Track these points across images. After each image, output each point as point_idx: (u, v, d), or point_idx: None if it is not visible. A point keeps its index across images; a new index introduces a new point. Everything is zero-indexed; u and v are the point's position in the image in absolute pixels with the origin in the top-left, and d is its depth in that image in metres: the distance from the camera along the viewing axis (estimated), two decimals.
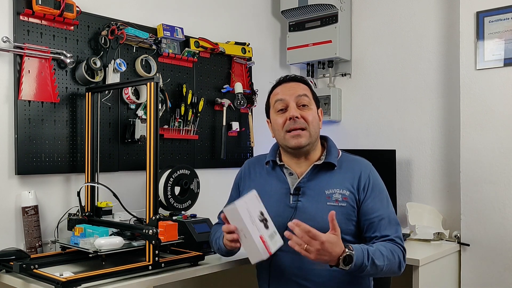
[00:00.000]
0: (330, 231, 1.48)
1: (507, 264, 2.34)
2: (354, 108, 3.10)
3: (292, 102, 1.71)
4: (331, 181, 1.70)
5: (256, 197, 1.58)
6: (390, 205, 1.72)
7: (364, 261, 1.51)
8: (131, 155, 2.36)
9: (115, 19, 2.29)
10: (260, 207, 1.57)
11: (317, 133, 1.74)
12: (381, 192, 1.71)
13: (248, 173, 1.88)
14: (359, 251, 1.52)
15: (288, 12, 3.03)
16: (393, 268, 1.61)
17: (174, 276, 1.79)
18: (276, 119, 1.74)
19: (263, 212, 1.57)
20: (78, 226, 1.87)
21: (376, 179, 1.73)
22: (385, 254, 1.57)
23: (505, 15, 2.37)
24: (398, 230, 1.67)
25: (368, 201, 1.67)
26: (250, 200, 1.55)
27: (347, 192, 1.67)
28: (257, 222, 1.53)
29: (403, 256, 1.64)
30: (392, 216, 1.68)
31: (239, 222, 1.51)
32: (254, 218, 1.52)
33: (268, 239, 1.52)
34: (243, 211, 1.50)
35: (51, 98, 2.09)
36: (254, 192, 1.58)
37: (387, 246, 1.61)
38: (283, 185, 1.75)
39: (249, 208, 1.52)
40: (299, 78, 1.81)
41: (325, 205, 1.66)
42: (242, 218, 1.49)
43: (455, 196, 2.62)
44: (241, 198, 1.55)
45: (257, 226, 1.52)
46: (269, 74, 3.12)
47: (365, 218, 1.67)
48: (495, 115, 2.39)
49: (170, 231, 1.80)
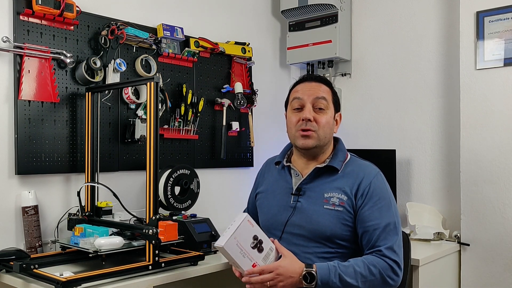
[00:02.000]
0: (282, 257, 1.55)
1: (507, 264, 2.34)
2: (354, 108, 3.10)
3: (309, 103, 1.70)
4: (332, 184, 1.69)
5: (248, 222, 1.56)
6: (392, 214, 1.63)
7: (331, 278, 1.50)
8: (131, 155, 2.36)
9: (115, 19, 2.29)
10: (253, 231, 1.56)
11: (328, 137, 1.72)
12: (382, 200, 1.64)
13: (264, 172, 1.91)
14: (324, 269, 1.51)
15: (288, 12, 3.03)
16: (375, 283, 1.55)
17: (174, 276, 1.79)
18: (290, 117, 1.74)
19: (257, 235, 1.55)
20: (78, 226, 1.87)
21: (378, 186, 1.66)
22: (358, 271, 1.53)
23: (505, 15, 2.37)
24: (394, 240, 1.59)
25: (365, 209, 1.63)
26: (241, 230, 1.53)
27: (344, 197, 1.65)
28: (249, 251, 1.53)
29: (392, 270, 1.56)
30: (390, 226, 1.60)
31: (230, 258, 1.52)
32: (245, 250, 1.52)
33: (261, 262, 1.54)
34: (231, 248, 1.50)
35: (51, 98, 2.09)
36: (246, 217, 1.56)
37: (367, 261, 1.55)
38: (288, 185, 1.76)
39: (239, 242, 1.51)
40: (323, 78, 1.79)
41: (322, 208, 1.66)
42: (231, 255, 1.50)
43: (455, 196, 2.62)
44: (232, 228, 1.52)
45: (249, 256, 1.52)
46: (269, 74, 3.12)
47: (360, 225, 1.63)
48: (495, 115, 2.38)
49: (170, 231, 1.80)
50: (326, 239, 1.63)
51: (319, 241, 1.63)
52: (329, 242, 1.63)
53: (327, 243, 1.63)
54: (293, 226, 1.68)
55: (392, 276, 1.56)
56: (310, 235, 1.64)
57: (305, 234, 1.65)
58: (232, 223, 1.54)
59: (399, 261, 1.58)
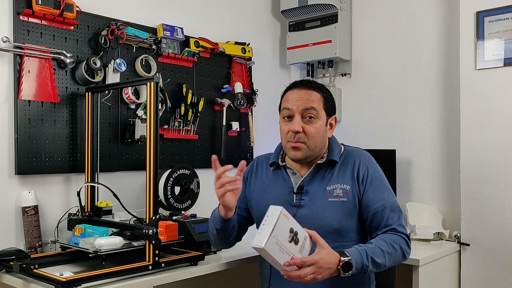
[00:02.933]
0: (318, 248, 1.49)
1: (507, 264, 2.34)
2: (354, 108, 3.10)
3: (298, 114, 1.68)
4: (333, 177, 1.71)
5: (284, 217, 1.45)
6: (391, 194, 1.72)
7: (364, 262, 1.52)
8: (131, 155, 2.36)
9: (115, 19, 2.29)
10: (289, 224, 1.46)
11: (319, 146, 1.71)
12: (381, 182, 1.71)
13: (256, 170, 1.90)
14: (357, 254, 1.52)
15: (288, 12, 3.03)
16: (397, 259, 1.63)
17: (174, 276, 1.79)
18: (281, 126, 1.74)
19: (293, 228, 1.46)
20: (78, 226, 1.87)
21: (375, 169, 1.73)
22: (385, 250, 1.57)
23: (505, 15, 2.37)
24: (400, 217, 1.68)
25: (369, 193, 1.68)
26: (279, 225, 1.42)
27: (347, 187, 1.68)
28: (287, 246, 1.43)
29: (407, 244, 1.64)
30: (394, 205, 1.69)
31: (268, 256, 1.43)
32: (283, 246, 1.43)
33: (298, 254, 1.45)
34: (271, 248, 1.40)
35: (51, 98, 2.09)
36: (281, 211, 1.44)
37: (388, 239, 1.61)
38: (287, 184, 1.76)
39: (278, 239, 1.41)
40: (314, 84, 1.75)
41: (327, 201, 1.68)
42: (271, 254, 1.41)
43: (455, 196, 2.62)
44: (269, 225, 1.41)
45: (287, 251, 1.44)
46: (269, 74, 3.12)
47: (368, 209, 1.67)
48: (495, 115, 2.38)
49: (170, 231, 1.81)
50: (334, 232, 1.65)
51: (326, 235, 1.61)
52: (336, 235, 1.66)
53: (335, 236, 1.65)
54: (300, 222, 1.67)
55: (407, 250, 1.65)
56: (318, 231, 1.63)
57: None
58: (267, 218, 1.44)
59: (408, 235, 1.68)
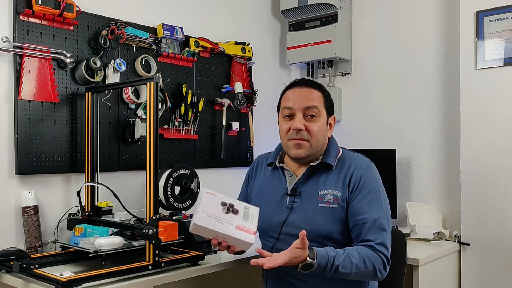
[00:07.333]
0: (295, 245, 1.48)
1: (507, 264, 2.34)
2: (354, 108, 3.10)
3: (299, 113, 1.68)
4: (326, 181, 1.69)
5: (209, 195, 1.56)
6: (382, 209, 1.64)
7: (327, 268, 1.50)
8: (131, 155, 2.36)
9: (115, 19, 2.29)
10: (218, 198, 1.56)
11: (321, 144, 1.71)
12: (371, 193, 1.64)
13: (256, 169, 1.90)
14: (324, 258, 1.50)
15: (288, 12, 3.03)
16: (366, 275, 1.58)
17: (174, 276, 1.79)
18: (282, 125, 1.73)
19: (224, 201, 1.56)
20: (78, 226, 1.87)
21: (369, 179, 1.66)
22: (354, 262, 1.53)
23: (505, 14, 2.37)
24: (383, 236, 1.60)
25: (355, 202, 1.63)
26: (205, 203, 1.53)
27: (338, 193, 1.65)
28: (225, 217, 1.52)
29: (383, 265, 1.58)
30: (379, 221, 1.61)
31: (209, 232, 1.51)
32: (219, 217, 1.51)
33: (243, 222, 1.53)
34: (204, 221, 1.49)
35: (51, 98, 2.09)
36: (204, 190, 1.57)
37: (362, 253, 1.56)
38: (282, 185, 1.76)
39: (209, 213, 1.51)
40: (314, 83, 1.76)
41: (317, 206, 1.66)
42: (208, 227, 1.49)
43: (455, 196, 2.62)
44: (197, 207, 1.53)
45: (227, 221, 1.51)
46: (269, 73, 3.12)
47: (351, 219, 1.64)
48: (495, 115, 2.38)
49: (170, 231, 1.80)
50: (323, 238, 1.64)
51: (316, 240, 1.63)
52: (326, 240, 1.64)
53: (324, 241, 1.64)
54: (290, 226, 1.68)
55: (382, 271, 1.59)
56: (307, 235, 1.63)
57: None
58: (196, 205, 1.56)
59: (389, 256, 1.61)
